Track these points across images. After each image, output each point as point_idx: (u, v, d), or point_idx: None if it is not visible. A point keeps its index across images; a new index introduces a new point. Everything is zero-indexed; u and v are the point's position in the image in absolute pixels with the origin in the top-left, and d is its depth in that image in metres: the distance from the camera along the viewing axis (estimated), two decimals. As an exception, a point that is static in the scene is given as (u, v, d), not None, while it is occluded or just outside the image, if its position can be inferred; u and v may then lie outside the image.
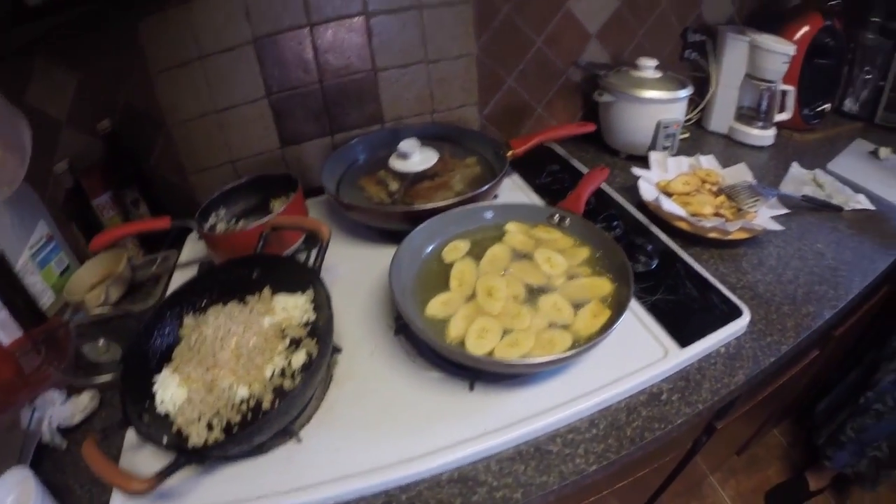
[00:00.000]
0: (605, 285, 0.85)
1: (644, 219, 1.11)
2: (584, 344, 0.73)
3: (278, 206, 1.13)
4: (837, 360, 1.66)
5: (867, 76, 1.51)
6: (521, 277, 0.88)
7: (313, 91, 1.20)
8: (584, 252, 0.93)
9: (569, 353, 0.72)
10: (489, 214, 0.99)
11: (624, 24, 1.35)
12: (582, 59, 1.34)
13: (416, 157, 1.08)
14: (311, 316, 0.86)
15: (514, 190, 1.20)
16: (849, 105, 1.58)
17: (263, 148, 1.22)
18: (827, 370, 1.66)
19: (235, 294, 0.92)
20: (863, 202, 1.22)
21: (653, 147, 1.26)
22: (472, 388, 0.78)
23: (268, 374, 0.79)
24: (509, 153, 1.11)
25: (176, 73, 1.17)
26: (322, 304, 0.84)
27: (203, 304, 0.93)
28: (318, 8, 1.15)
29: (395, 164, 1.09)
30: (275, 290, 0.90)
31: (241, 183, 1.16)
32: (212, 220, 1.14)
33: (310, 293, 0.88)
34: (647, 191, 1.12)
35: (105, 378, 0.99)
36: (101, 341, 1.06)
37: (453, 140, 1.19)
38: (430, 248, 0.95)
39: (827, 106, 1.48)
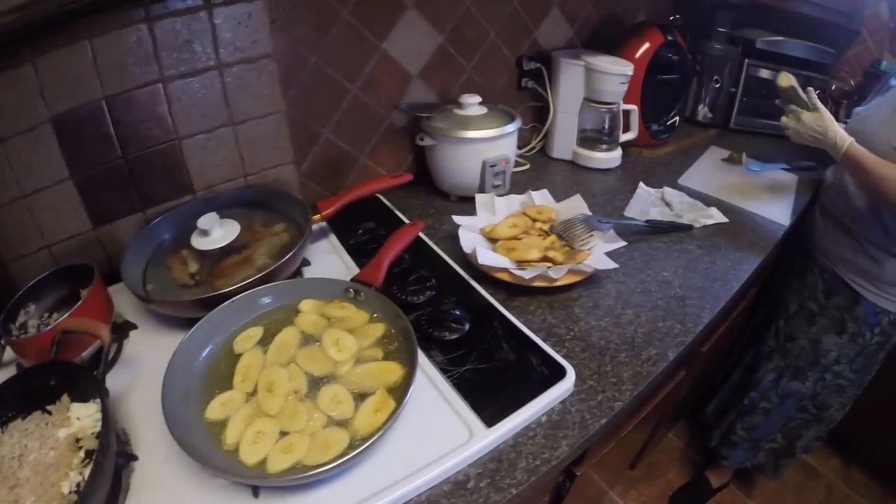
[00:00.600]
0: (394, 370, 0.80)
1: (465, 273, 1.04)
2: (361, 444, 0.68)
3: (84, 291, 1.07)
4: (716, 363, 1.64)
5: (717, 85, 1.48)
6: (305, 366, 0.83)
7: (118, 166, 1.12)
8: (378, 329, 0.87)
9: (340, 461, 0.66)
10: (267, 300, 0.93)
11: (449, 61, 1.29)
12: (403, 101, 1.27)
13: (217, 233, 1.02)
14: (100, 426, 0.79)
15: (328, 254, 1.13)
16: (702, 113, 1.55)
17: (76, 230, 1.15)
18: (706, 376, 1.64)
19: (38, 404, 0.86)
20: (715, 216, 1.18)
21: (481, 188, 1.21)
22: (256, 494, 0.72)
23: (65, 490, 0.73)
24: (315, 216, 1.05)
25: None
26: (106, 415, 0.78)
27: (9, 416, 0.86)
28: (113, 79, 1.08)
29: (196, 241, 1.03)
30: (72, 398, 0.84)
31: (46, 275, 1.08)
32: (21, 317, 1.06)
33: (98, 402, 0.82)
34: (468, 241, 1.07)
35: None
36: None
37: (266, 205, 1.12)
38: (217, 340, 0.89)
39: (676, 119, 1.44)
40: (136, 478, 0.79)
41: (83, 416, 0.83)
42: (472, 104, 1.21)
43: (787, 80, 1.14)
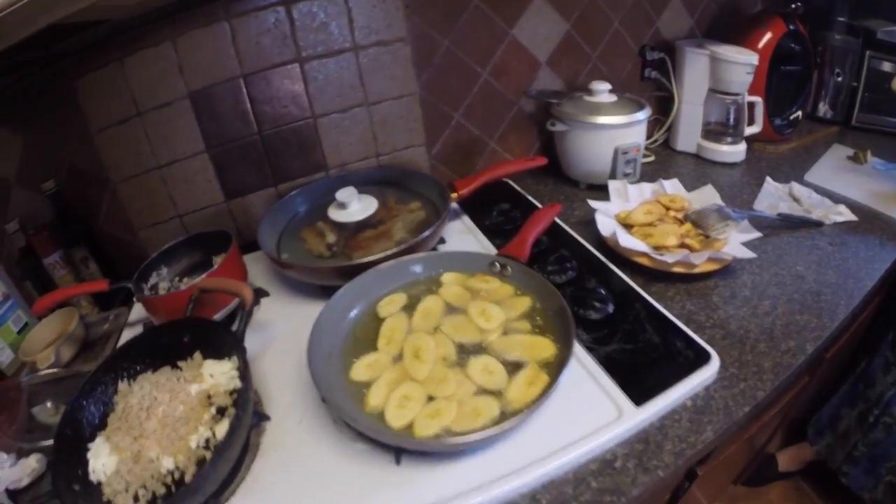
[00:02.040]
0: (546, 346, 0.76)
1: (603, 257, 1.00)
2: (513, 415, 0.64)
3: (219, 260, 1.07)
4: (834, 376, 1.54)
5: (838, 78, 1.40)
6: (452, 335, 0.79)
7: (253, 142, 1.13)
8: (525, 302, 0.83)
9: (491, 430, 0.63)
10: (418, 268, 0.90)
11: (575, 49, 1.25)
12: (532, 88, 1.24)
13: (355, 206, 1.01)
14: (238, 383, 0.79)
15: (463, 234, 1.10)
16: (822, 110, 1.47)
17: (208, 201, 1.16)
18: (820, 387, 1.54)
19: (169, 359, 0.86)
20: (844, 213, 1.11)
21: (613, 175, 1.16)
22: (398, 461, 0.69)
23: (192, 444, 0.73)
24: (454, 195, 1.03)
25: (116, 131, 1.12)
26: (244, 372, 0.77)
27: (138, 370, 0.87)
28: (251, 58, 1.09)
29: (334, 214, 1.02)
30: (206, 356, 0.84)
31: (181, 241, 1.09)
32: (153, 279, 1.07)
33: (235, 360, 0.81)
34: (605, 225, 1.02)
35: (50, 442, 0.88)
36: (50, 404, 1.01)
37: (399, 184, 1.11)
38: (363, 304, 0.87)
39: (798, 113, 1.38)
40: (266, 438, 0.78)
41: (216, 373, 0.82)
42: (603, 91, 1.17)
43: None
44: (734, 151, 1.29)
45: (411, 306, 0.85)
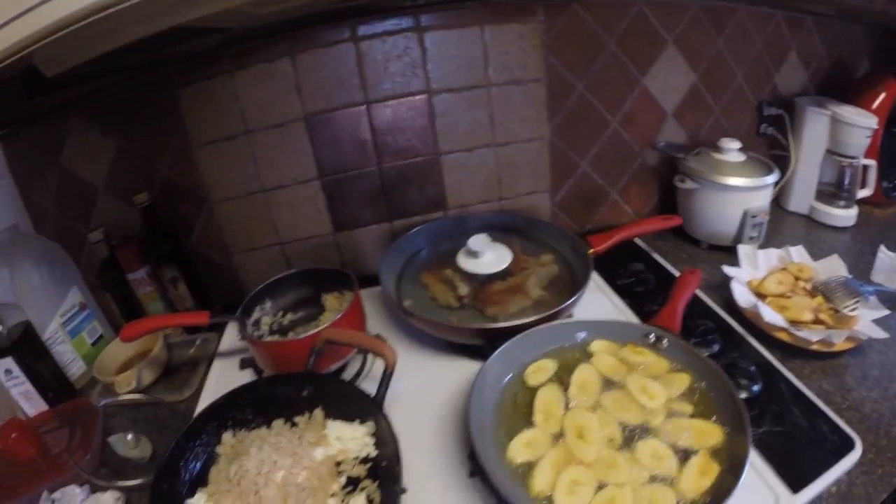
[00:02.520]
0: (713, 432, 0.71)
1: (739, 328, 0.96)
2: None
3: (331, 301, 1.02)
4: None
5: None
6: (614, 413, 0.75)
7: (370, 174, 1.08)
8: (683, 380, 0.79)
9: None
10: (583, 334, 0.85)
11: (700, 101, 1.21)
12: (658, 139, 1.20)
13: (488, 257, 0.96)
14: (372, 451, 0.74)
15: (594, 292, 1.05)
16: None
17: (315, 232, 1.10)
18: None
19: (282, 412, 0.81)
20: None
21: (739, 238, 1.12)
22: None
23: None
24: (590, 251, 0.97)
25: (220, 148, 1.07)
26: (386, 440, 0.72)
27: (243, 420, 0.82)
28: (376, 85, 1.04)
29: (464, 263, 0.97)
30: (327, 414, 0.79)
31: (289, 275, 1.03)
32: (256, 314, 1.02)
33: (370, 425, 0.76)
34: (743, 295, 0.99)
35: (132, 482, 0.87)
36: (131, 436, 0.95)
37: (523, 232, 1.06)
38: (511, 372, 0.82)
39: (906, 177, 1.35)
40: None
41: (345, 438, 0.76)
42: (733, 149, 1.13)
43: None
44: (847, 215, 1.26)
45: (563, 376, 0.81)
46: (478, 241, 0.96)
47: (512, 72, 1.05)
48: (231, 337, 1.10)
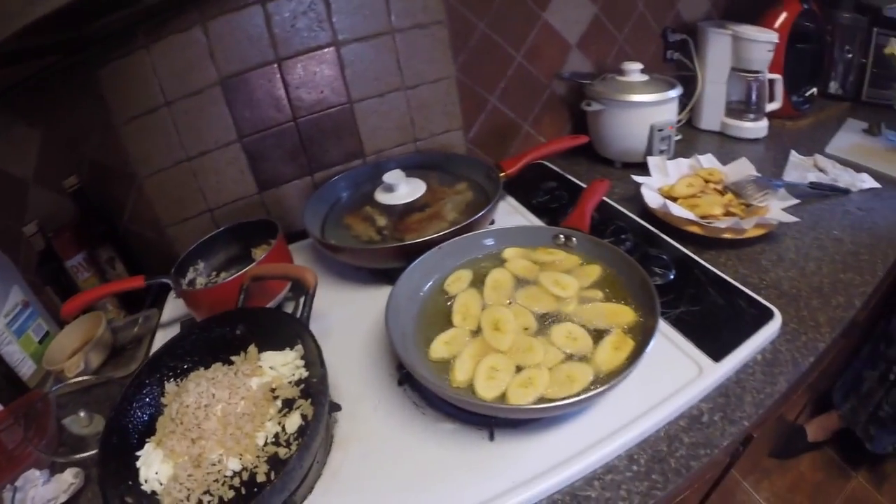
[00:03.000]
0: (626, 312, 0.76)
1: (652, 228, 1.01)
2: (609, 381, 0.63)
3: (260, 254, 1.03)
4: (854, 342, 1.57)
5: (848, 55, 1.44)
6: (528, 305, 0.79)
7: (287, 130, 1.10)
8: (594, 271, 0.83)
9: (591, 393, 0.62)
10: (490, 241, 0.89)
11: (603, 32, 1.26)
12: (564, 70, 1.24)
13: (403, 189, 0.99)
14: (303, 373, 0.76)
15: (511, 214, 1.10)
16: (834, 87, 1.51)
17: (241, 193, 1.13)
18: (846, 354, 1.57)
19: (219, 355, 0.82)
20: (868, 181, 1.15)
21: (649, 152, 1.17)
22: (491, 437, 0.68)
23: (260, 441, 0.69)
24: (501, 174, 1.01)
25: (143, 122, 1.08)
26: (314, 359, 0.74)
27: (185, 368, 0.83)
28: (286, 42, 1.07)
29: (381, 197, 1.00)
30: (261, 348, 0.80)
31: (218, 233, 1.07)
32: (190, 274, 1.04)
33: (299, 348, 0.78)
34: (652, 198, 1.03)
35: (88, 454, 0.88)
36: (83, 413, 0.96)
37: (440, 168, 1.09)
38: (429, 283, 0.86)
39: (814, 90, 1.42)
40: (340, 430, 0.75)
41: (278, 365, 0.78)
42: (635, 71, 1.18)
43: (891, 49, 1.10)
44: (757, 127, 1.31)
45: (478, 281, 0.84)
46: (392, 175, 0.99)
47: (414, 16, 1.08)
48: (171, 308, 1.11)
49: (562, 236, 0.88)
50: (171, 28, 1.03)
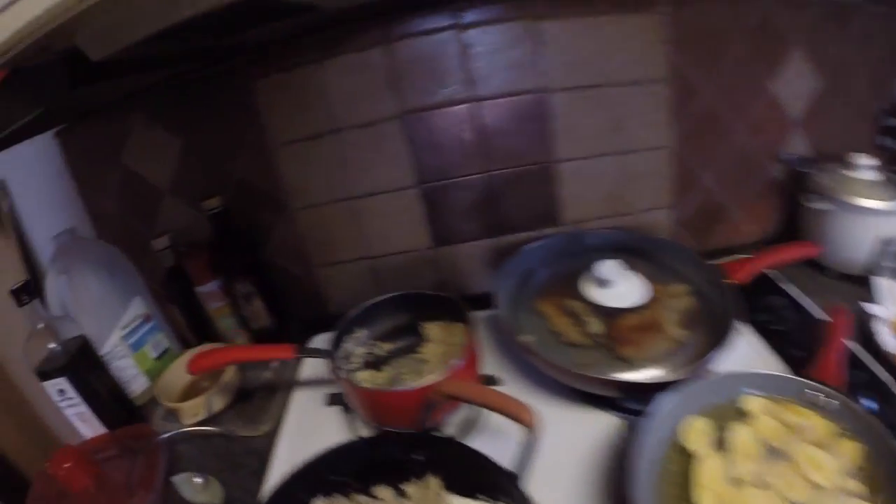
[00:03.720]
0: None
1: (887, 376, 0.85)
2: None
3: (433, 331, 0.92)
4: None
5: None
6: (782, 491, 0.65)
7: (475, 182, 0.97)
8: (853, 449, 0.69)
9: None
10: (736, 389, 0.75)
11: (828, 110, 1.08)
12: (784, 151, 1.07)
13: (620, 287, 0.85)
14: None
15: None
16: None
17: (410, 246, 1.00)
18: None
19: (386, 477, 0.71)
20: None
21: (875, 269, 1.00)
22: None
23: None
24: (729, 282, 0.86)
25: (303, 148, 0.96)
26: None
27: (341, 483, 0.72)
28: (484, 79, 0.92)
29: (592, 292, 0.86)
30: (448, 486, 0.68)
31: (385, 299, 0.92)
32: (348, 344, 0.91)
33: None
34: (889, 341, 0.88)
35: None
36: (199, 479, 0.85)
37: (645, 254, 0.94)
38: (663, 433, 0.73)
39: None
40: None
41: None
42: (869, 167, 1.01)
43: None
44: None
45: (719, 436, 0.72)
46: (608, 268, 0.85)
47: (633, 70, 0.92)
48: (314, 365, 0.99)
49: (820, 395, 0.74)
50: (347, 46, 0.88)
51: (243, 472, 0.86)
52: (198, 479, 0.85)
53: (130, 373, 1.03)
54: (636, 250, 0.94)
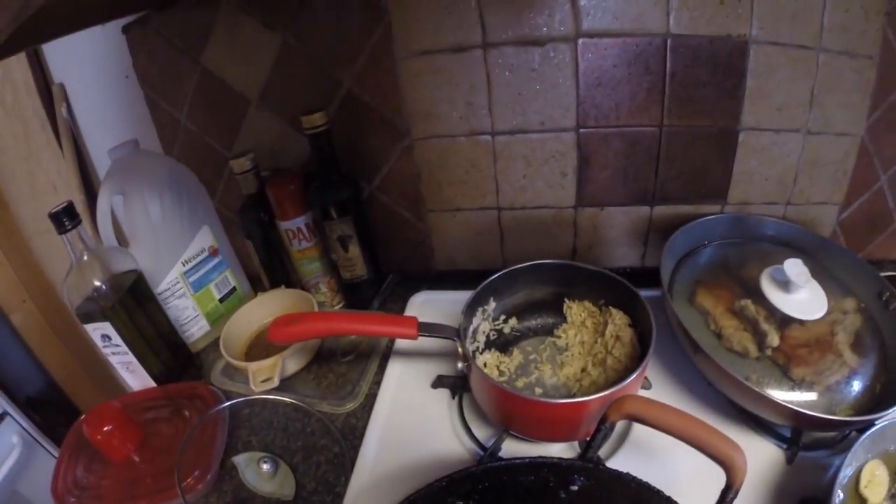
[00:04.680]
0: None
1: None
2: None
3: (577, 312, 0.79)
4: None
5: None
6: None
7: (645, 136, 0.82)
8: None
9: None
10: None
11: None
12: None
13: (803, 294, 0.75)
14: None
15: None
16: None
17: (550, 201, 0.86)
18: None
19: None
20: None
21: None
22: None
23: None
24: (899, 306, 0.79)
25: (439, 62, 0.78)
26: None
27: None
28: (681, 10, 0.75)
29: (772, 294, 0.76)
30: None
31: (526, 267, 0.78)
32: (476, 320, 0.77)
33: None
34: None
35: None
36: (266, 465, 0.72)
37: (807, 253, 0.84)
38: (841, 476, 0.66)
39: None
40: None
41: None
42: None
43: None
44: None
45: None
46: (798, 269, 0.75)
47: (846, 39, 0.78)
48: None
49: None
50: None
51: (321, 457, 0.74)
52: (266, 465, 0.72)
53: (189, 314, 0.89)
54: (798, 246, 0.85)
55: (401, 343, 0.86)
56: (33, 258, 1.40)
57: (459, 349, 0.69)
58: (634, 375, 0.67)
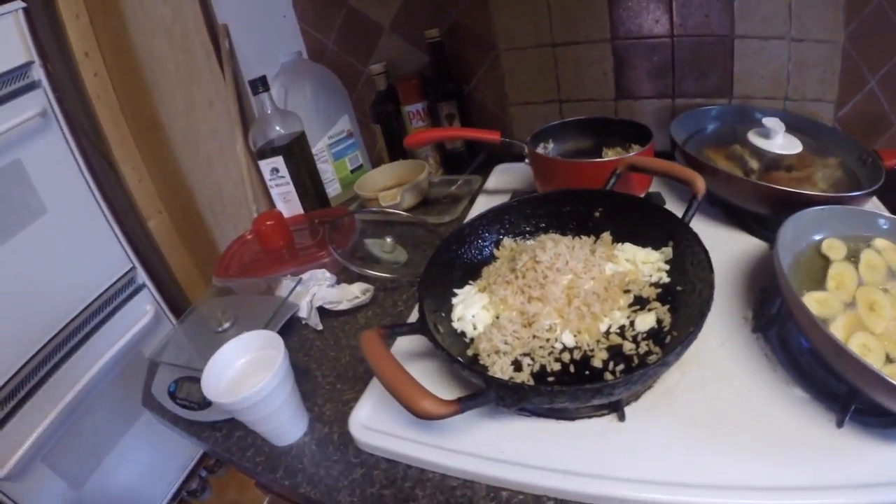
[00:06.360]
0: None
1: None
2: None
3: (612, 155, 1.12)
4: None
5: None
6: None
7: (661, 45, 1.17)
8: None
9: None
10: (882, 223, 0.95)
11: None
12: None
13: (779, 140, 1.05)
14: (664, 277, 0.80)
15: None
16: None
17: (596, 94, 1.22)
18: None
19: (566, 229, 0.90)
20: None
21: None
22: (840, 424, 0.65)
23: (602, 327, 0.73)
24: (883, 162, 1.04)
25: None
26: (686, 267, 0.78)
27: (525, 230, 0.90)
28: None
29: (756, 140, 1.07)
30: (617, 238, 0.87)
31: (576, 120, 1.16)
32: (539, 150, 1.13)
33: (666, 251, 0.83)
34: None
35: (385, 274, 1.00)
36: (389, 240, 1.09)
37: (807, 133, 1.11)
38: (805, 242, 0.90)
39: None
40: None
41: (637, 261, 0.83)
42: None
43: None
44: None
45: (852, 257, 0.88)
46: (773, 121, 1.03)
47: None
48: (497, 179, 1.23)
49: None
50: None
51: (426, 248, 1.09)
52: (388, 240, 1.08)
53: (329, 176, 1.31)
54: (796, 128, 1.11)
55: (489, 186, 1.23)
56: (174, 176, 1.76)
57: (527, 149, 1.07)
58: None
